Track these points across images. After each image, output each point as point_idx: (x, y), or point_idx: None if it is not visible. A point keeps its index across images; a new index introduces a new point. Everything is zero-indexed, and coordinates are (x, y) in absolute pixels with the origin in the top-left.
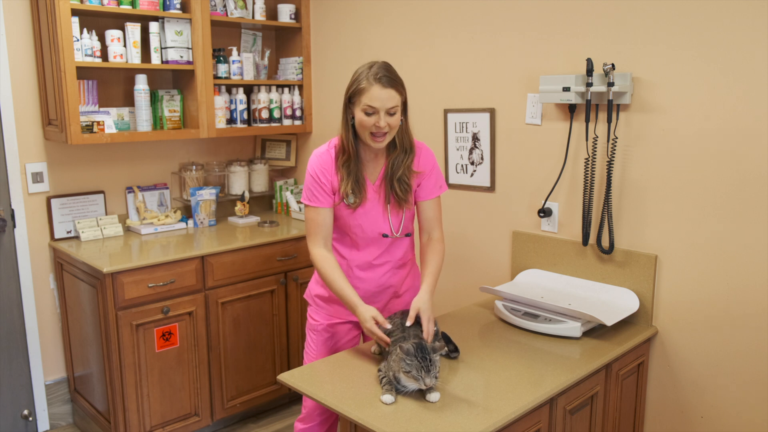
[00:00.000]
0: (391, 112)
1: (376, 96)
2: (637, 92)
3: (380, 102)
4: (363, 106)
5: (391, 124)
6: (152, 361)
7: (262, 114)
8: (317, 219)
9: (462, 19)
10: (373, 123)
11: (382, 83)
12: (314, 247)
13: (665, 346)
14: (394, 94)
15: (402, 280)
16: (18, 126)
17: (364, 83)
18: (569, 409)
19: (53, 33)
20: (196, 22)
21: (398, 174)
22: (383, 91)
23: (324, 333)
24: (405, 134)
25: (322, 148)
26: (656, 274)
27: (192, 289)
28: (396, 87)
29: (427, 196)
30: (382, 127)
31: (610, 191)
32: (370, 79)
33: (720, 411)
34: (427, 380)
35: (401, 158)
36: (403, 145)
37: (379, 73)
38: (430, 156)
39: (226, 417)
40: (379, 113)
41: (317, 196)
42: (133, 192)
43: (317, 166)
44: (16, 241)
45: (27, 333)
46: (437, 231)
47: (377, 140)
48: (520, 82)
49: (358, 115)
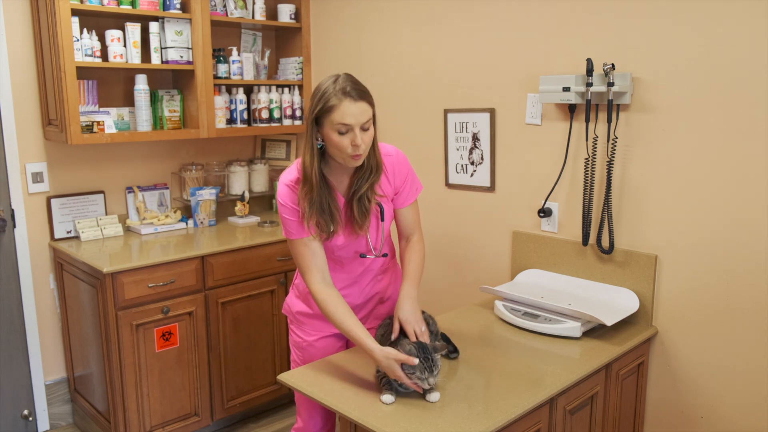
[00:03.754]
0: (365, 128)
1: (348, 112)
2: (637, 92)
3: (354, 118)
4: (336, 126)
5: (367, 141)
6: (152, 361)
7: (262, 114)
8: (306, 252)
9: (462, 19)
10: (349, 142)
11: (352, 97)
12: (313, 283)
13: (665, 346)
14: (366, 107)
15: (386, 287)
16: (18, 126)
17: (333, 100)
18: (569, 409)
19: (53, 33)
20: (196, 22)
21: (359, 193)
22: (355, 106)
23: (309, 349)
24: (373, 152)
25: (290, 174)
26: (656, 274)
27: (192, 289)
28: (367, 99)
29: (404, 203)
30: (359, 145)
31: (610, 191)
32: (339, 94)
33: (720, 411)
34: (431, 380)
35: (366, 176)
36: (369, 162)
37: (347, 86)
38: (404, 163)
39: (226, 417)
40: (354, 130)
41: (297, 227)
42: (133, 192)
43: (288, 195)
44: (16, 241)
45: (27, 333)
46: (416, 233)
47: (356, 159)
48: (520, 82)
49: (330, 136)
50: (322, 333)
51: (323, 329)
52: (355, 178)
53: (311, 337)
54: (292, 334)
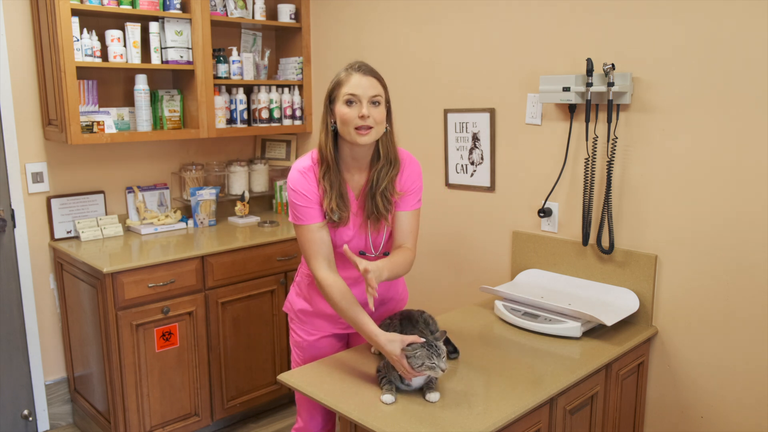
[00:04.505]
0: (374, 101)
1: (356, 83)
2: (637, 92)
3: (362, 89)
4: (344, 97)
5: (376, 117)
6: (152, 361)
7: (262, 114)
8: (313, 237)
9: (462, 19)
10: (356, 114)
11: (362, 71)
12: (319, 270)
13: (665, 346)
14: (375, 83)
15: (387, 288)
16: (18, 126)
17: (343, 74)
18: (569, 409)
19: (53, 33)
20: (196, 22)
21: (381, 187)
22: (364, 79)
23: (310, 348)
24: (390, 143)
25: (303, 161)
26: (656, 274)
27: (192, 289)
28: (376, 76)
29: (406, 207)
30: (366, 116)
31: (610, 191)
32: (349, 69)
33: (720, 411)
34: (441, 364)
35: (385, 170)
36: (387, 155)
37: (357, 64)
38: (417, 171)
39: (226, 417)
40: (361, 102)
41: (306, 213)
42: (133, 192)
43: (300, 182)
44: (16, 241)
45: (27, 333)
46: (410, 242)
47: (362, 133)
48: (520, 82)
49: (339, 109)
50: (323, 332)
51: (324, 328)
52: (373, 172)
53: (312, 337)
54: (293, 334)
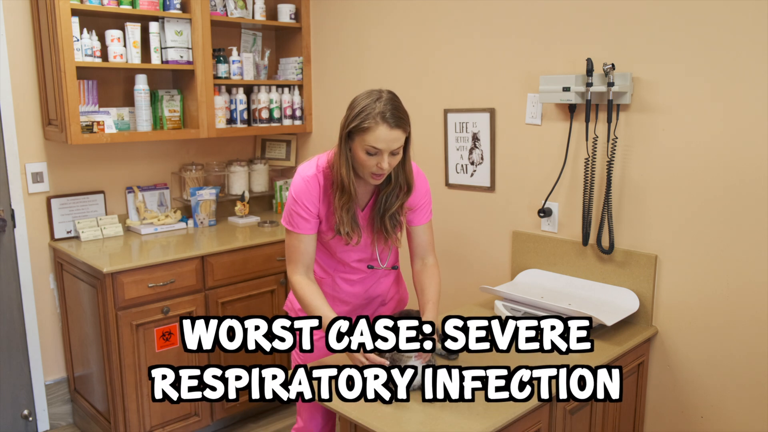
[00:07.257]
0: (394, 152)
1: (381, 138)
2: (637, 92)
3: (385, 144)
4: (366, 146)
5: (393, 163)
6: (152, 361)
7: (262, 114)
8: (300, 247)
9: (462, 19)
10: (375, 164)
11: (389, 124)
12: (294, 274)
13: (665, 346)
14: (400, 135)
15: (387, 288)
16: (18, 126)
17: (369, 122)
18: (569, 409)
19: (53, 33)
20: (196, 22)
21: (391, 211)
22: (390, 133)
23: None
24: (402, 170)
25: (308, 169)
26: (656, 274)
27: (192, 289)
28: (403, 126)
29: (420, 220)
30: (384, 169)
31: (610, 191)
32: (377, 118)
33: (720, 411)
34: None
35: (395, 193)
36: (398, 180)
37: (387, 111)
38: (425, 186)
39: (226, 417)
40: (382, 154)
41: (301, 223)
42: (133, 192)
43: (303, 191)
44: (16, 241)
45: (27, 333)
46: (431, 257)
47: (376, 179)
48: (520, 82)
49: (358, 152)
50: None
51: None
52: (383, 194)
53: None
54: None
